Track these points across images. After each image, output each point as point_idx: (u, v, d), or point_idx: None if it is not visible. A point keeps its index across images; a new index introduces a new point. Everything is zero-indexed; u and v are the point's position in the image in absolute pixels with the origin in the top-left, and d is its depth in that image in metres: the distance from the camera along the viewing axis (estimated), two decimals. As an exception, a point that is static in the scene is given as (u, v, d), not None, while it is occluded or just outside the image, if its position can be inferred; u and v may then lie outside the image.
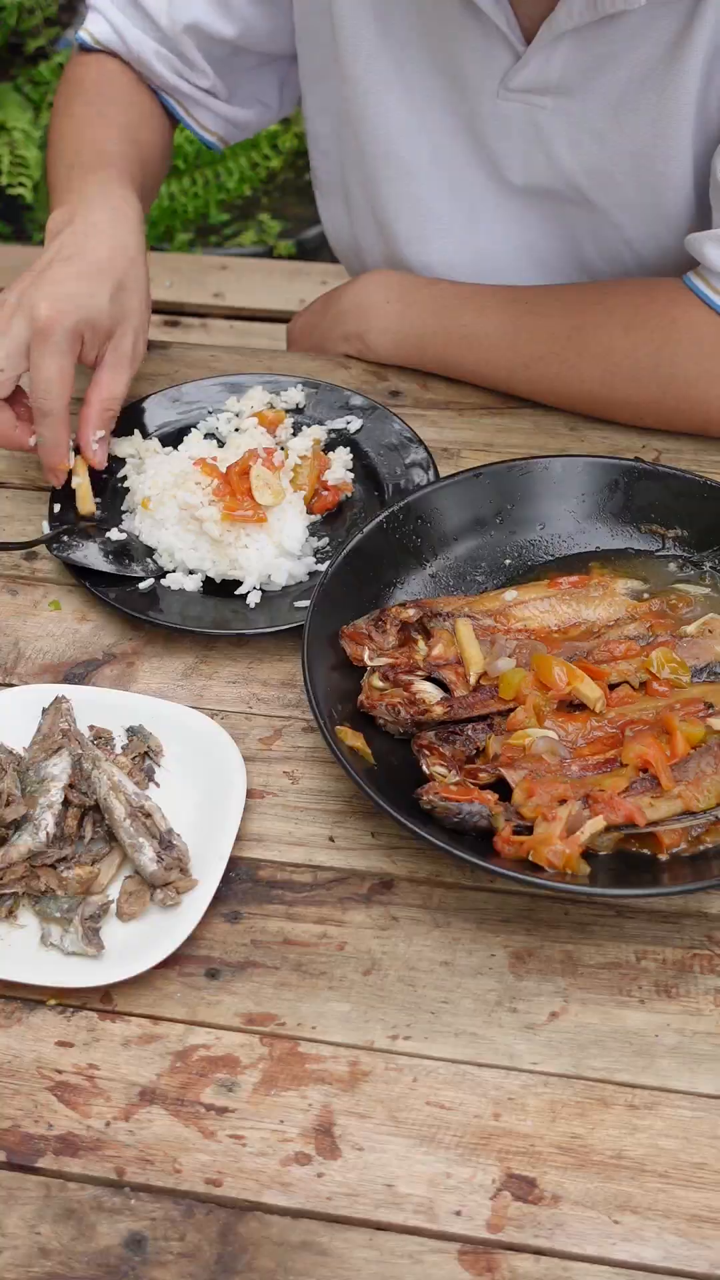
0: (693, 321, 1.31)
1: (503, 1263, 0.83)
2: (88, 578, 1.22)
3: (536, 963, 0.97)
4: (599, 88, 1.31)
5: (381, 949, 0.98)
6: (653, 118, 1.30)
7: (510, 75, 1.33)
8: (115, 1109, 0.90)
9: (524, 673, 1.08)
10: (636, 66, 1.28)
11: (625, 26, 1.26)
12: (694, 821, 0.99)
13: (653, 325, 1.33)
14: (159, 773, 1.08)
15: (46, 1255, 0.84)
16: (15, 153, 2.73)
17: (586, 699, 1.06)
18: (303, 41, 1.49)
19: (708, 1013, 0.94)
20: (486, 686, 1.08)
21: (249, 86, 1.55)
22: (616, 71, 1.29)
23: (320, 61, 1.48)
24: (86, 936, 0.96)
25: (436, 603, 1.15)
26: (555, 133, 1.35)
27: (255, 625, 1.18)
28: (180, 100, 1.52)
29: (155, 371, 1.48)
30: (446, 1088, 0.91)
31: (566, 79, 1.31)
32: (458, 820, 0.99)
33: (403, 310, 1.45)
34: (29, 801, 1.02)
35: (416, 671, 1.09)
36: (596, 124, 1.33)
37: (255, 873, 1.03)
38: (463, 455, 1.36)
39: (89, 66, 1.51)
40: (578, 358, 1.36)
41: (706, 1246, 0.83)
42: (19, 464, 1.38)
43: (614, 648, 1.10)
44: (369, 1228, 0.85)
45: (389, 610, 1.13)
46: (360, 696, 1.09)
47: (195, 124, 1.55)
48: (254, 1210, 0.86)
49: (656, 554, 1.21)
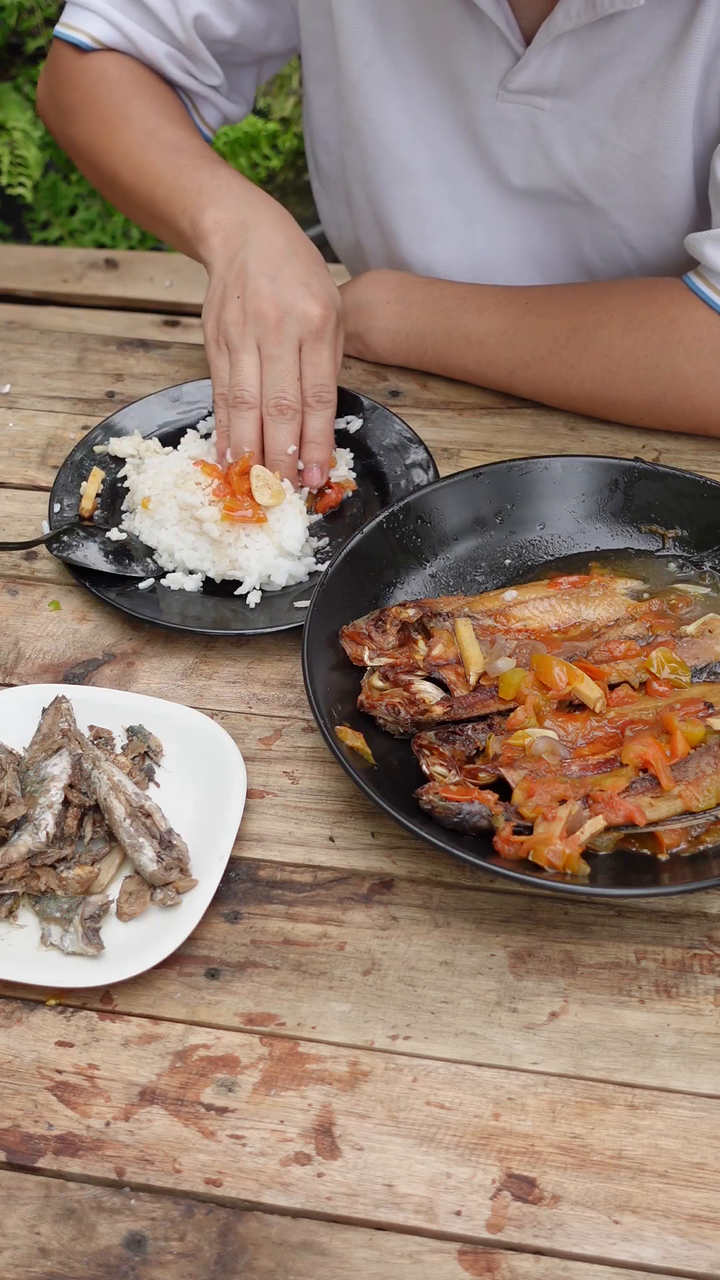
0: (693, 321, 1.31)
1: (503, 1263, 0.83)
2: (88, 578, 1.22)
3: (536, 963, 0.97)
4: (598, 89, 1.31)
5: (381, 949, 0.98)
6: (652, 119, 1.30)
7: (509, 77, 1.33)
8: (115, 1109, 0.90)
9: (524, 673, 1.08)
10: (635, 68, 1.28)
11: (624, 27, 1.26)
12: (694, 821, 0.99)
13: (652, 325, 1.33)
14: (159, 773, 1.08)
15: (46, 1255, 0.84)
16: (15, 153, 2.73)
17: (586, 699, 1.06)
18: (306, 42, 1.49)
19: (708, 1013, 0.94)
20: (486, 686, 1.08)
21: (237, 83, 1.55)
22: (615, 73, 1.29)
23: (322, 62, 1.48)
24: (86, 936, 0.96)
25: (436, 603, 1.15)
26: (554, 134, 1.35)
27: (255, 625, 1.18)
28: (190, 96, 1.51)
29: (155, 371, 1.48)
30: (446, 1088, 0.91)
31: (565, 81, 1.31)
32: (458, 820, 0.99)
33: (402, 310, 1.45)
34: (29, 801, 1.02)
35: (416, 671, 1.09)
36: (596, 125, 1.33)
37: (255, 873, 1.03)
38: (463, 455, 1.36)
39: (108, 65, 1.47)
40: (577, 358, 1.36)
41: (706, 1246, 0.83)
42: (19, 464, 1.38)
43: (614, 648, 1.10)
44: (369, 1228, 0.85)
45: (389, 610, 1.13)
46: (360, 696, 1.09)
47: (199, 119, 1.54)
48: (254, 1210, 0.86)
49: (656, 554, 1.21)
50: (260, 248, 1.27)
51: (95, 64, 1.47)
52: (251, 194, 1.32)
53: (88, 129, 1.47)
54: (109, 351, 1.51)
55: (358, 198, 1.54)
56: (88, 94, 1.47)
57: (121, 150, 1.42)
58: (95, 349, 1.52)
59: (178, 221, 1.34)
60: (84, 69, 1.48)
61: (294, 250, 1.28)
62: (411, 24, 1.37)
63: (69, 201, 3.04)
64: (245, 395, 1.25)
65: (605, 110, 1.32)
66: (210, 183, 1.33)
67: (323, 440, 1.27)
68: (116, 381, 1.47)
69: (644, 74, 1.28)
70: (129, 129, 1.42)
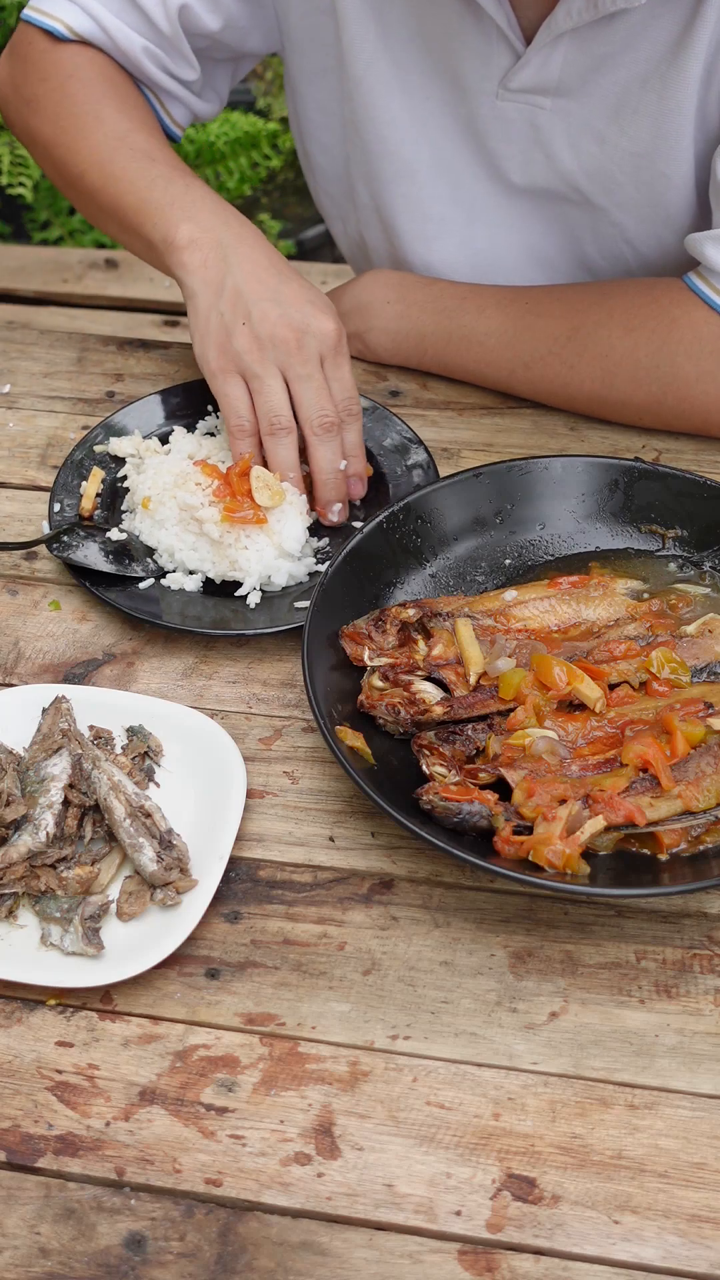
0: (693, 321, 1.31)
1: (503, 1263, 0.83)
2: (88, 578, 1.22)
3: (536, 963, 0.97)
4: (599, 89, 1.31)
5: (381, 949, 0.98)
6: (653, 119, 1.30)
7: (510, 76, 1.33)
8: (115, 1109, 0.90)
9: (524, 673, 1.08)
10: (636, 67, 1.28)
11: (625, 27, 1.26)
12: (694, 821, 0.99)
13: (653, 325, 1.33)
14: (159, 773, 1.08)
15: (46, 1255, 0.84)
16: (15, 152, 2.73)
17: (586, 699, 1.06)
18: (302, 41, 1.48)
19: (708, 1013, 0.94)
20: (486, 686, 1.08)
21: (212, 80, 1.53)
22: (616, 72, 1.29)
23: (321, 61, 1.47)
24: (86, 936, 0.96)
25: (436, 603, 1.15)
26: (555, 133, 1.35)
27: (255, 625, 1.18)
28: (158, 94, 1.48)
29: (155, 371, 1.48)
30: (446, 1088, 0.91)
31: (566, 80, 1.31)
32: (458, 820, 0.99)
33: (402, 310, 1.45)
34: (29, 801, 1.02)
35: (416, 671, 1.09)
36: (596, 125, 1.33)
37: (255, 873, 1.03)
38: (463, 455, 1.36)
39: (82, 61, 1.43)
40: (577, 358, 1.36)
41: (706, 1246, 0.83)
42: (19, 464, 1.38)
43: (614, 648, 1.10)
44: (369, 1228, 0.85)
45: (389, 610, 1.13)
46: (360, 696, 1.09)
47: (166, 117, 1.50)
48: (254, 1210, 0.86)
49: (656, 554, 1.21)
50: (248, 269, 1.25)
51: (69, 57, 1.43)
52: (225, 210, 1.31)
53: (55, 123, 1.43)
54: (109, 351, 1.51)
55: (361, 194, 1.53)
56: (58, 88, 1.43)
57: (91, 151, 1.39)
58: (95, 349, 1.52)
59: (147, 232, 1.32)
60: (56, 61, 1.43)
61: (280, 269, 1.27)
62: (412, 22, 1.37)
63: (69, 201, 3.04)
64: (281, 421, 1.24)
65: (606, 109, 1.32)
66: (184, 197, 1.31)
67: (359, 453, 1.28)
68: (116, 381, 1.47)
69: (645, 73, 1.28)
70: (101, 131, 1.39)
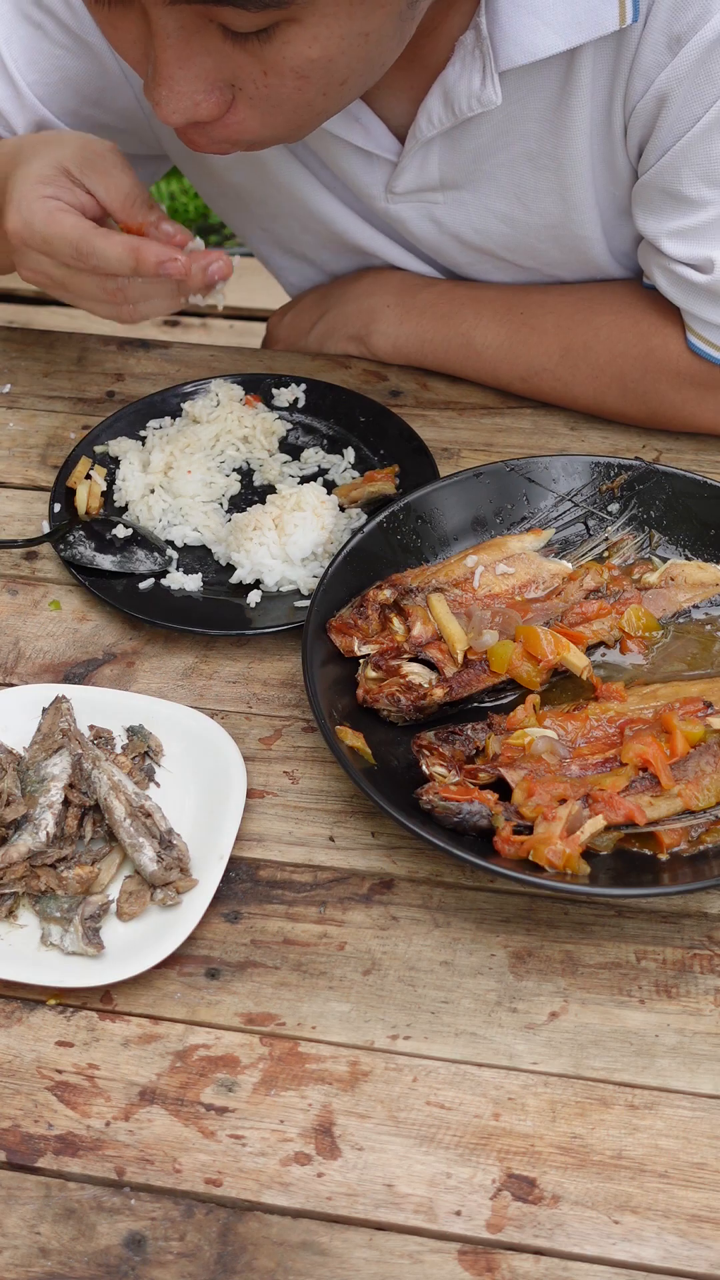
0: (670, 355, 1.31)
1: (502, 1263, 0.83)
2: (89, 576, 1.22)
3: (536, 963, 0.97)
4: (486, 177, 1.28)
5: (381, 949, 0.98)
6: (557, 193, 1.28)
7: (392, 182, 1.32)
8: (115, 1109, 0.90)
9: (511, 644, 1.08)
10: (518, 151, 1.25)
11: (490, 122, 1.23)
12: (694, 821, 0.99)
13: (635, 354, 1.33)
14: (159, 773, 1.08)
15: (46, 1255, 0.84)
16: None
17: (574, 667, 1.08)
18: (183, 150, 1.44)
19: (708, 1013, 0.94)
20: (476, 661, 1.09)
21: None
22: (498, 157, 1.26)
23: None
24: (86, 936, 0.96)
25: (404, 577, 1.15)
26: (457, 222, 1.34)
27: (255, 625, 1.18)
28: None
29: (155, 371, 1.48)
30: (446, 1088, 0.91)
31: (449, 176, 1.29)
32: (458, 820, 0.99)
33: (402, 315, 1.45)
34: (29, 801, 1.02)
35: (403, 655, 1.09)
36: (498, 208, 1.31)
37: (255, 873, 1.03)
38: (463, 455, 1.36)
39: None
40: (571, 376, 1.36)
41: (706, 1246, 0.83)
42: (19, 464, 1.38)
43: (586, 608, 1.12)
44: (369, 1228, 0.85)
45: (367, 595, 1.14)
46: (358, 691, 1.09)
47: None
48: (254, 1210, 0.86)
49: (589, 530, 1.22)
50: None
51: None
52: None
53: None
54: (109, 351, 1.51)
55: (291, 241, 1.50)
56: None
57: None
58: (95, 349, 1.52)
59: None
60: None
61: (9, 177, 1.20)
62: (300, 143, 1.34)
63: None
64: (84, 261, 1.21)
65: (505, 193, 1.30)
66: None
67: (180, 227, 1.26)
68: (116, 381, 1.47)
69: (533, 151, 1.25)
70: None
